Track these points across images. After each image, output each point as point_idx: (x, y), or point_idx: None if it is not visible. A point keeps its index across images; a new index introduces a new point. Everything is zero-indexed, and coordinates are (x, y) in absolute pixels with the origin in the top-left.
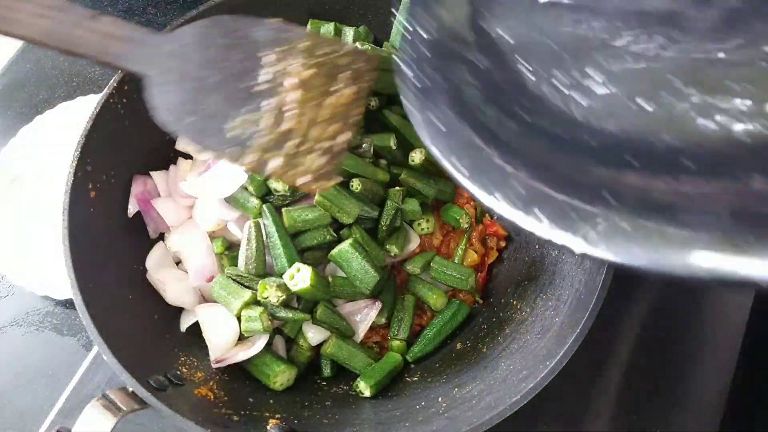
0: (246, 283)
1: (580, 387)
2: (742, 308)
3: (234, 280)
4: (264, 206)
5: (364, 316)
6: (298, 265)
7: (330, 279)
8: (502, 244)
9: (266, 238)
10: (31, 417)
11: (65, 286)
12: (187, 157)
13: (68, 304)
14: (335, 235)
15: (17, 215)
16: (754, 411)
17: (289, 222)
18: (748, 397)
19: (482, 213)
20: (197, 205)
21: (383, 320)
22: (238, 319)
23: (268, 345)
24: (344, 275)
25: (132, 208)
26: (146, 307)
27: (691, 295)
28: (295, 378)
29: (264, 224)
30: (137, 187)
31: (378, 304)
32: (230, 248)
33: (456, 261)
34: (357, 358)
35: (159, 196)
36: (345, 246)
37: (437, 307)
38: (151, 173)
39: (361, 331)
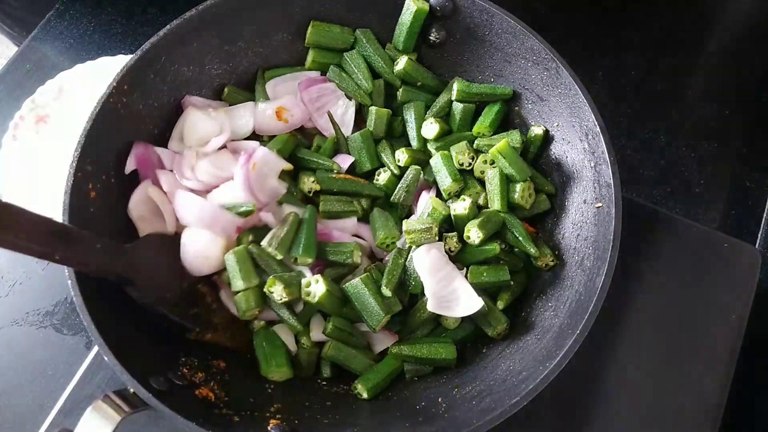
0: (262, 266)
1: (580, 387)
2: (742, 308)
3: (253, 258)
4: (309, 206)
5: (382, 338)
6: (318, 277)
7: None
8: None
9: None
10: (31, 417)
11: None
12: None
13: (68, 303)
14: (359, 261)
15: (41, 155)
16: (754, 411)
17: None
18: (747, 398)
19: None
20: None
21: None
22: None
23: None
24: None
25: (129, 166)
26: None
27: (690, 296)
28: (295, 377)
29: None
30: (138, 149)
31: (395, 337)
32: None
33: None
34: (357, 359)
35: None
36: (356, 281)
37: (450, 327)
38: (157, 149)
39: (377, 349)
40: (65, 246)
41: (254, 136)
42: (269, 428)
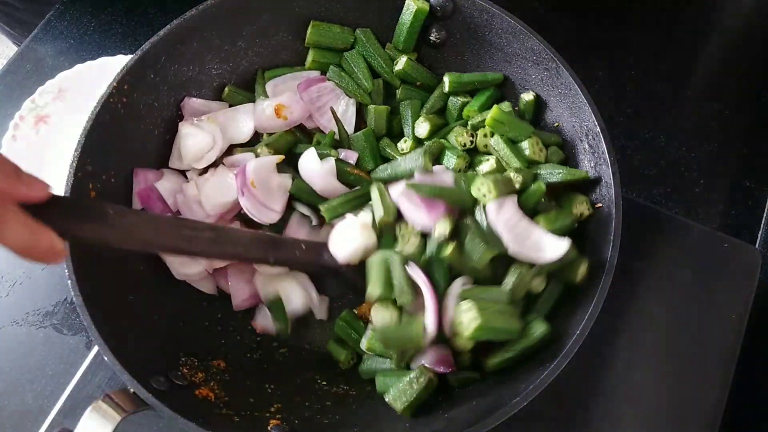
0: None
1: (580, 387)
2: (742, 308)
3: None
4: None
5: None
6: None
7: None
8: None
9: None
10: (31, 417)
11: None
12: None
13: (68, 304)
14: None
15: (40, 155)
16: (754, 412)
17: None
18: (747, 398)
19: None
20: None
21: None
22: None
23: None
24: None
25: (136, 206)
26: (147, 308)
27: (690, 296)
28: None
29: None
30: (138, 184)
31: None
32: None
33: None
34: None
35: (163, 200)
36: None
37: (538, 289)
38: (156, 185)
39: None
40: (275, 251)
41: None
42: (269, 428)
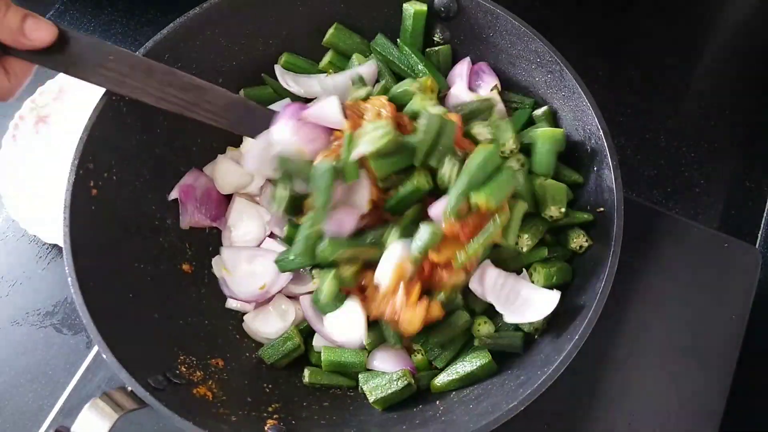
0: None
1: (579, 387)
2: (742, 308)
3: None
4: None
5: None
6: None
7: None
8: None
9: None
10: (31, 417)
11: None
12: None
13: (68, 304)
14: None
15: (40, 155)
16: (754, 411)
17: None
18: (748, 397)
19: None
20: None
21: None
22: None
23: None
24: None
25: (173, 194)
26: (146, 306)
27: (690, 296)
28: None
29: None
30: (187, 179)
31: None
32: None
33: None
34: None
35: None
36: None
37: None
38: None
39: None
40: (248, 120)
41: None
42: (266, 428)
